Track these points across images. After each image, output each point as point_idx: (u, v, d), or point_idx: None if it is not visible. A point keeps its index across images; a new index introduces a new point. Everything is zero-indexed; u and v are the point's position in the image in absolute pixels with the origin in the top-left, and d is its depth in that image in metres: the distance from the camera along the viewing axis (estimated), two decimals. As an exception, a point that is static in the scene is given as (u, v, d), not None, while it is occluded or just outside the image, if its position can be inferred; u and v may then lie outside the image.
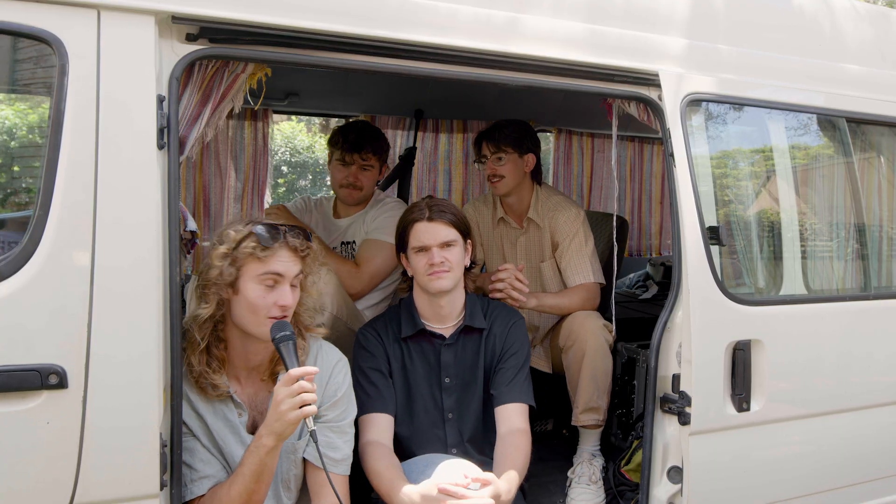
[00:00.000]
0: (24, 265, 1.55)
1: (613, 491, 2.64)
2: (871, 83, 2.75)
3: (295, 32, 1.84)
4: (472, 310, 2.40)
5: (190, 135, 1.83)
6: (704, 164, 2.39)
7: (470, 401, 2.37)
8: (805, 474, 2.57)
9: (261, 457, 1.78)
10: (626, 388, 2.76)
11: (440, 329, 2.38)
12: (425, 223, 2.29)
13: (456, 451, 2.32)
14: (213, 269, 1.85)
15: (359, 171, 3.04)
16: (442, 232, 2.29)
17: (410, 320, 2.36)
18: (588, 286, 2.99)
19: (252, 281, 1.84)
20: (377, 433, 2.19)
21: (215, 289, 1.85)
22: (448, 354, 2.36)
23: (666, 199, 5.15)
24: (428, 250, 2.28)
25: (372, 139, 3.06)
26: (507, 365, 2.36)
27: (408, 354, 2.35)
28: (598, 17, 2.25)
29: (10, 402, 1.53)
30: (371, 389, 2.25)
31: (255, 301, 1.84)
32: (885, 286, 2.81)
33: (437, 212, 2.30)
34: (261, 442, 1.78)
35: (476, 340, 2.39)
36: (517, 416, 2.29)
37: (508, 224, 3.25)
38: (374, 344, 2.33)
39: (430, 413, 2.34)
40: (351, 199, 3.12)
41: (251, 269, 1.84)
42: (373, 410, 2.23)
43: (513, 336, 2.40)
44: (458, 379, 2.36)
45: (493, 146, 3.09)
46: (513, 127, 3.13)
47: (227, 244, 1.86)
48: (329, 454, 1.98)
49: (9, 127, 1.95)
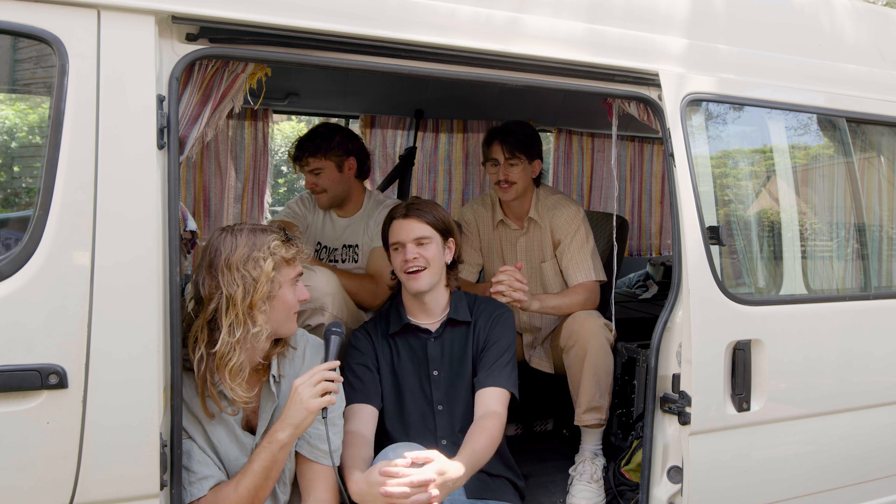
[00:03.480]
0: (24, 265, 1.55)
1: (613, 491, 2.64)
2: (871, 83, 2.75)
3: (295, 32, 1.84)
4: (457, 304, 2.45)
5: (190, 135, 1.83)
6: (704, 163, 2.39)
7: (459, 392, 2.38)
8: (805, 474, 2.57)
9: (274, 452, 1.82)
10: (627, 388, 2.76)
11: (426, 324, 2.42)
12: (400, 220, 2.36)
13: (446, 443, 2.33)
14: (263, 284, 1.85)
15: (312, 176, 3.05)
16: (416, 228, 2.34)
17: (397, 317, 2.42)
18: (589, 285, 3.00)
19: (287, 284, 1.93)
20: (356, 423, 2.23)
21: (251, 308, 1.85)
22: (435, 348, 2.39)
23: (666, 199, 5.16)
24: (403, 247, 2.34)
25: (309, 142, 3.04)
26: (490, 352, 2.39)
27: (395, 350, 2.39)
28: (599, 17, 2.25)
29: (10, 402, 1.54)
30: (356, 383, 2.30)
31: (291, 302, 1.94)
32: (885, 286, 2.81)
33: (414, 210, 2.36)
34: (275, 437, 1.82)
35: (463, 333, 2.42)
36: (492, 400, 2.30)
37: (508, 226, 3.25)
38: (363, 342, 2.38)
39: (419, 406, 2.36)
40: (322, 203, 3.14)
41: (286, 274, 1.93)
42: (356, 401, 2.27)
43: (496, 326, 2.44)
44: (446, 371, 2.39)
45: (507, 151, 3.05)
46: (524, 131, 3.11)
47: (270, 256, 1.88)
48: (320, 446, 2.00)
49: (9, 127, 1.95)
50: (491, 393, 2.31)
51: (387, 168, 4.34)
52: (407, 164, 4.28)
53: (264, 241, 1.89)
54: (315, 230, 3.19)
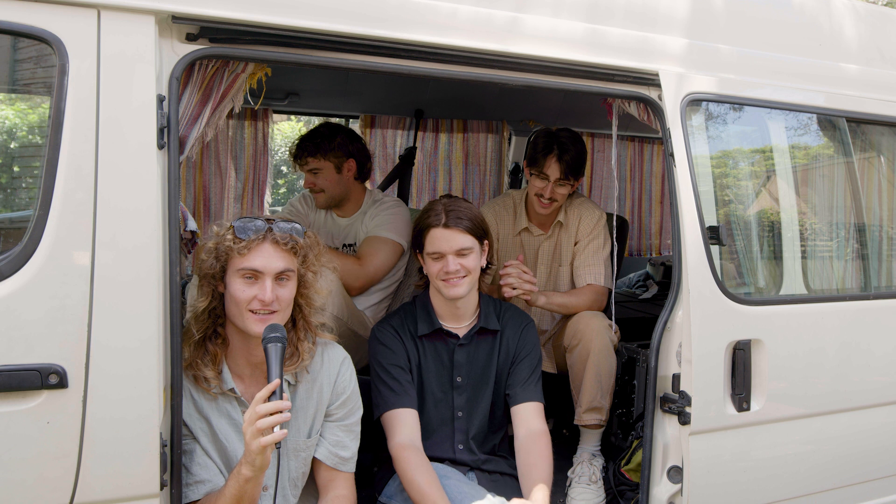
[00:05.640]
0: (25, 265, 1.55)
1: (613, 491, 2.64)
2: (870, 83, 2.75)
3: (295, 32, 1.84)
4: (486, 311, 2.42)
5: (190, 135, 1.83)
6: (704, 163, 2.39)
7: (479, 400, 2.39)
8: (805, 474, 2.57)
9: (240, 484, 1.74)
10: (627, 388, 2.75)
11: (455, 328, 2.39)
12: (441, 230, 2.26)
13: (462, 448, 2.36)
14: (202, 262, 1.87)
15: (311, 175, 3.06)
16: (458, 239, 2.26)
17: (427, 319, 2.37)
18: (597, 288, 3.00)
19: (234, 275, 1.84)
20: (408, 434, 2.19)
21: (207, 281, 1.87)
22: (461, 354, 2.38)
23: (666, 199, 5.16)
24: (443, 257, 2.27)
25: (310, 142, 3.04)
26: (523, 366, 2.39)
27: (423, 352, 2.37)
28: (598, 17, 2.25)
29: (11, 401, 1.54)
30: (394, 384, 2.25)
31: (236, 295, 1.83)
32: (885, 286, 2.81)
33: (454, 218, 2.26)
34: (240, 471, 1.73)
35: (489, 341, 2.41)
36: (535, 417, 2.33)
37: (531, 233, 3.20)
38: (393, 340, 2.32)
39: (440, 410, 2.36)
40: (320, 203, 3.14)
41: (233, 264, 1.84)
42: (398, 406, 2.23)
43: (526, 338, 2.43)
44: (469, 378, 2.38)
45: (562, 171, 2.93)
46: (578, 147, 2.97)
47: (212, 238, 1.88)
48: (339, 453, 1.99)
49: (9, 127, 1.95)
50: (533, 409, 2.34)
51: (387, 168, 4.35)
52: (407, 164, 4.28)
53: (221, 223, 1.90)
54: (316, 229, 3.19)
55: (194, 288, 1.97)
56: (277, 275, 1.85)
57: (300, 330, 1.98)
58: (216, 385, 1.89)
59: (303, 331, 1.99)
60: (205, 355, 1.89)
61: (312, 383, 2.00)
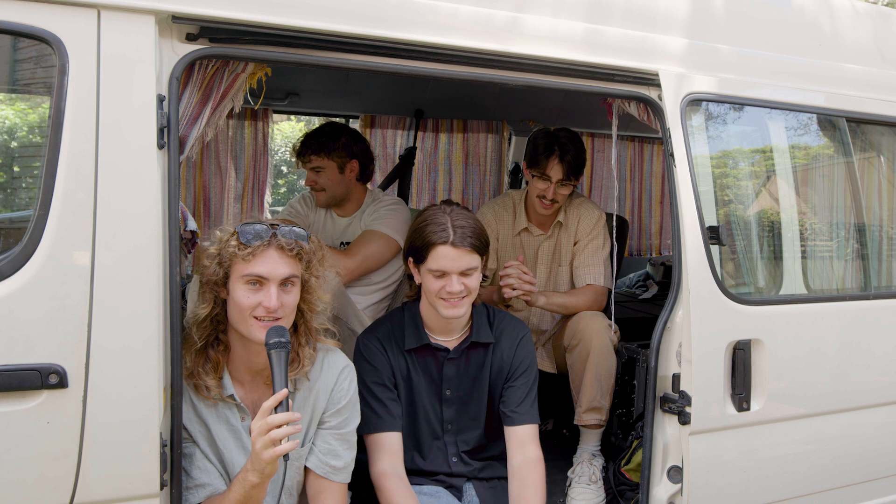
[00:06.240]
0: (24, 265, 1.55)
1: (613, 491, 2.64)
2: (870, 83, 2.75)
3: (295, 32, 1.84)
4: (479, 323, 2.33)
5: (190, 134, 1.83)
6: (704, 163, 2.39)
7: (469, 412, 2.34)
8: (805, 474, 2.57)
9: (246, 490, 1.73)
10: (627, 388, 2.76)
11: (444, 342, 2.31)
12: (448, 248, 2.12)
13: (456, 460, 2.33)
14: (205, 268, 1.84)
15: (313, 174, 3.05)
16: (465, 259, 2.14)
17: (415, 333, 2.29)
18: (597, 288, 3.00)
19: (238, 281, 1.80)
20: (390, 461, 2.14)
21: (209, 287, 1.84)
22: (450, 368, 2.31)
23: (666, 199, 5.16)
24: (446, 276, 2.15)
25: (314, 140, 3.03)
26: (518, 383, 2.31)
27: (412, 364, 2.29)
28: (598, 17, 2.25)
29: (10, 401, 1.54)
30: (377, 406, 2.19)
31: (240, 301, 1.79)
32: (884, 286, 2.81)
33: (461, 237, 2.13)
34: (246, 476, 1.72)
35: (481, 354, 2.34)
36: (530, 442, 2.26)
37: (531, 233, 3.19)
38: (377, 356, 2.25)
39: (430, 424, 2.33)
40: (320, 201, 3.14)
41: (236, 270, 1.80)
42: (381, 429, 2.17)
43: (522, 353, 2.34)
44: (458, 391, 2.33)
45: (565, 172, 2.93)
46: (578, 147, 2.98)
47: (215, 244, 1.85)
48: (330, 462, 1.95)
49: (9, 127, 1.95)
50: (528, 433, 2.27)
51: (387, 168, 4.34)
52: (407, 164, 4.28)
53: (224, 229, 1.87)
54: (316, 229, 3.20)
55: (195, 288, 1.96)
56: (282, 281, 1.82)
57: (301, 335, 1.95)
58: (216, 392, 1.88)
59: (304, 336, 1.95)
60: (206, 363, 1.87)
61: (309, 391, 1.96)
